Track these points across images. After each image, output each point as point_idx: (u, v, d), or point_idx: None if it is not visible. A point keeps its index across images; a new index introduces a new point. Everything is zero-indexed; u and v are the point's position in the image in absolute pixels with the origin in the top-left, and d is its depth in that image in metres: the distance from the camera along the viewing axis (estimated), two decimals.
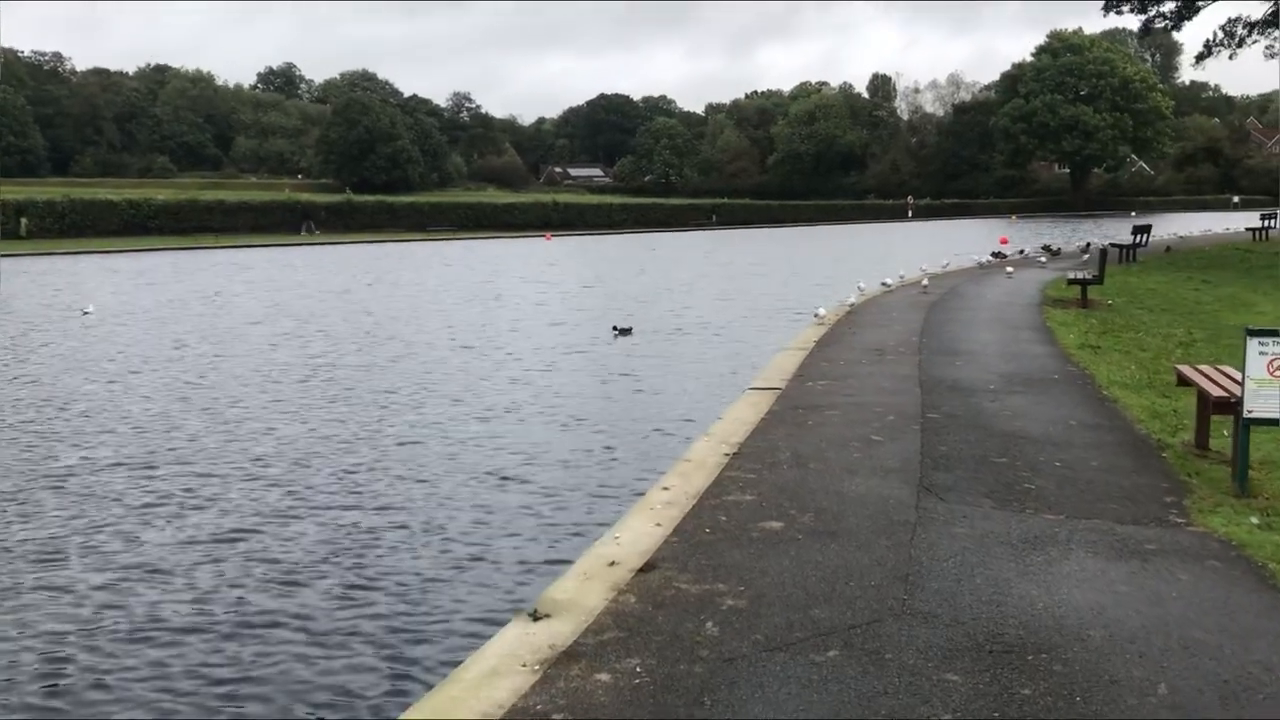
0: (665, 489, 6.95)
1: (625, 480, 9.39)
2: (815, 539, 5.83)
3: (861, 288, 20.18)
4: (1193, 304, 19.36)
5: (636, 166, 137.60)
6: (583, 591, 5.14)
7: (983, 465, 7.41)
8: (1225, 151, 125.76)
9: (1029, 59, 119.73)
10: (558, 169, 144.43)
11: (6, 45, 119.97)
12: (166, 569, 7.43)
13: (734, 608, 4.87)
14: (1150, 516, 6.32)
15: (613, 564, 5.52)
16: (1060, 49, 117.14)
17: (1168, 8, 32.51)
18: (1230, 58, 34.94)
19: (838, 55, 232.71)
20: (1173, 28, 33.00)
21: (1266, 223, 39.11)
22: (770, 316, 22.12)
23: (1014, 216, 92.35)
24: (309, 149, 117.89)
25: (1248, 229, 39.99)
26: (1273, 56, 37.42)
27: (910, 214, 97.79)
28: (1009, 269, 25.26)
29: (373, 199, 77.36)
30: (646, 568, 5.45)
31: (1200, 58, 35.11)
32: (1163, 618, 4.74)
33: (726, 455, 7.78)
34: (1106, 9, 33.03)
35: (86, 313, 23.32)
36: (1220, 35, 34.11)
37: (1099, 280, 18.98)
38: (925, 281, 21.18)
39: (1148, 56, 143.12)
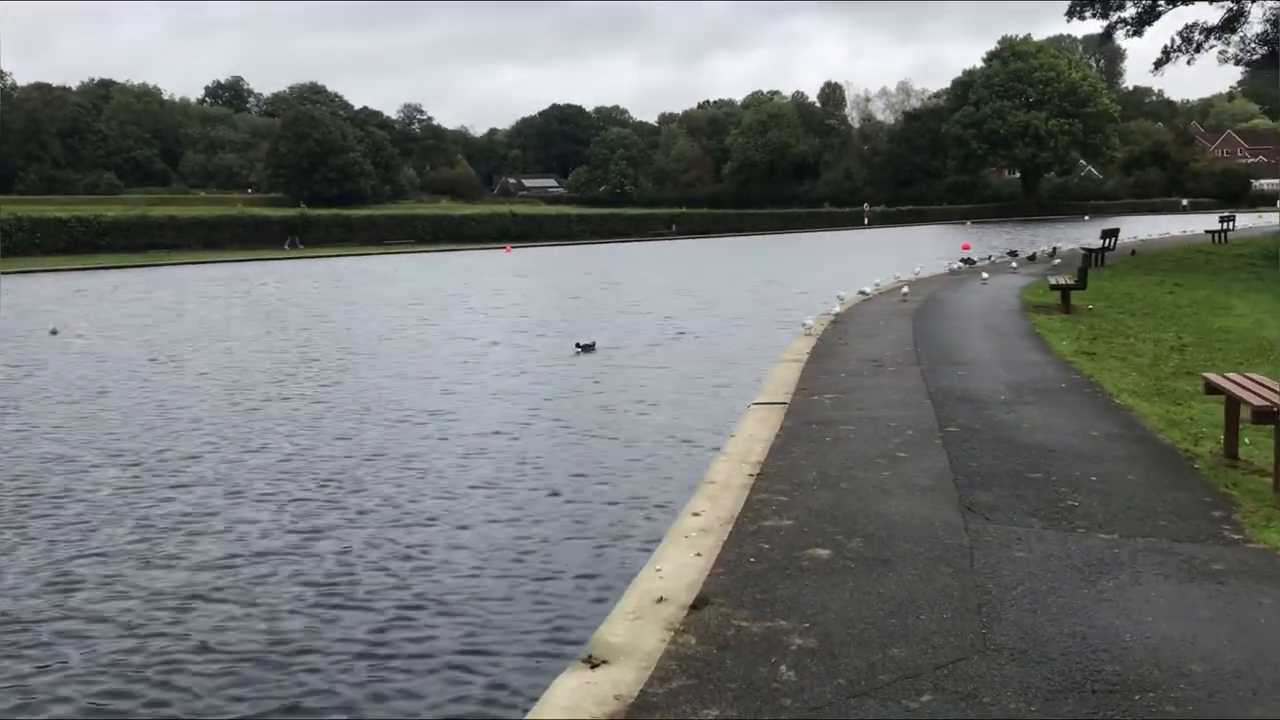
0: (696, 514, 6.60)
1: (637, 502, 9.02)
2: (869, 568, 5.51)
3: (841, 296, 20.00)
4: (1171, 307, 19.34)
5: (591, 177, 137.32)
6: (636, 633, 4.78)
7: (1019, 482, 7.14)
8: (1171, 155, 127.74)
9: (979, 65, 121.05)
10: (511, 180, 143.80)
11: None
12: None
13: (804, 648, 4.54)
14: (1205, 533, 6.07)
15: (661, 600, 5.17)
16: (1009, 56, 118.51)
17: (1129, 13, 32.78)
18: (1189, 63, 35.38)
19: (786, 65, 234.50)
20: (1134, 32, 33.25)
21: (1225, 225, 39.55)
22: (750, 327, 21.90)
23: (969, 222, 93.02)
24: (258, 163, 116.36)
25: (1207, 231, 40.43)
26: (1226, 61, 37.92)
27: (867, 221, 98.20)
28: (984, 275, 25.22)
29: (328, 213, 76.39)
30: (698, 604, 5.10)
31: (1159, 64, 35.47)
32: (1261, 648, 4.47)
33: (751, 476, 7.45)
34: (1070, 14, 33.27)
35: (54, 332, 22.97)
36: (1179, 41, 34.44)
37: (1081, 285, 18.90)
38: (905, 289, 21.01)
39: (1093, 63, 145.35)
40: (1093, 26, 50.01)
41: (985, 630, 4.67)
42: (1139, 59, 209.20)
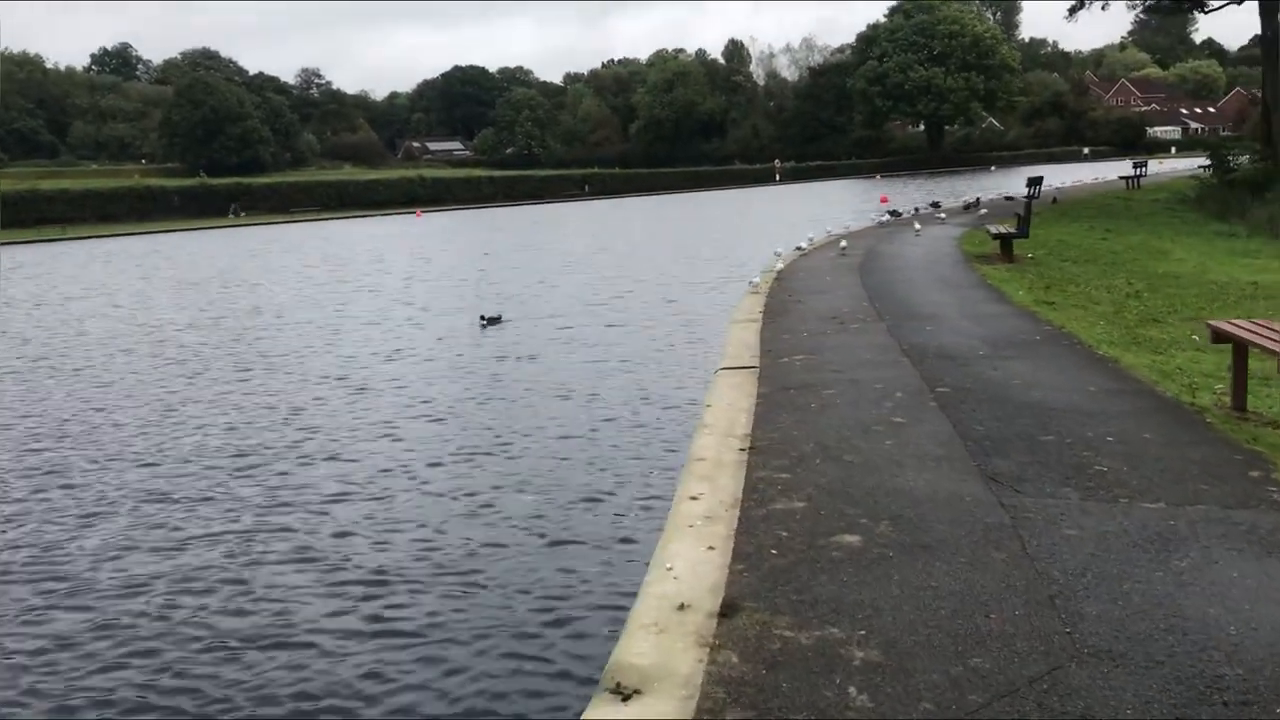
0: (694, 498, 5.88)
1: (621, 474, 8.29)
2: (910, 556, 4.84)
3: (779, 252, 19.37)
4: (1109, 254, 19.09)
5: (498, 139, 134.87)
6: (665, 651, 4.05)
7: (1035, 446, 6.55)
8: (1069, 105, 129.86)
9: (883, 20, 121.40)
10: (415, 144, 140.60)
11: None
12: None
13: (868, 662, 3.86)
14: (1254, 497, 5.53)
15: (683, 607, 4.44)
16: (913, 9, 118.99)
17: None
18: (1103, 8, 35.38)
19: (688, 23, 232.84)
20: None
21: (1139, 171, 39.89)
22: (691, 287, 21.28)
23: (878, 176, 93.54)
24: (152, 133, 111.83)
25: (1121, 178, 40.75)
26: (1134, 8, 38.11)
27: (778, 178, 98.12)
28: (916, 226, 24.81)
29: (229, 181, 73.69)
30: (728, 610, 4.38)
31: (1074, 10, 35.39)
32: None
33: (743, 451, 6.75)
34: None
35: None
36: None
37: (1024, 234, 18.54)
38: (843, 243, 20.47)
39: (990, 15, 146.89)
40: None
41: (1070, 630, 4.04)
42: (1034, 10, 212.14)
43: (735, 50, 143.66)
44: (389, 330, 18.67)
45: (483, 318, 17.53)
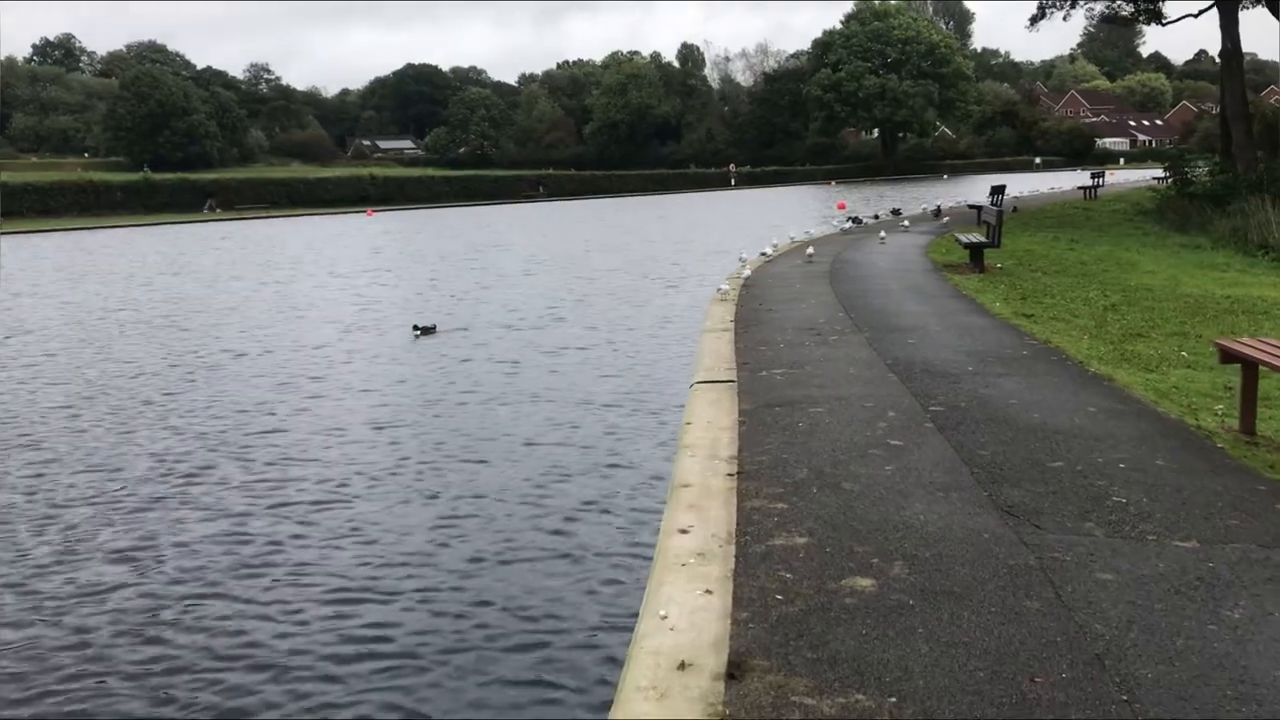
0: (684, 531, 5.35)
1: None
2: (933, 605, 4.34)
3: (744, 258, 18.92)
4: (1078, 265, 18.85)
5: (450, 138, 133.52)
6: None
7: (1045, 474, 6.10)
8: (1021, 115, 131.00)
9: (838, 26, 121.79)
10: (366, 142, 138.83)
11: None
12: None
13: None
14: None
15: (684, 666, 3.91)
16: (869, 17, 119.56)
17: None
18: (1064, 18, 35.31)
19: (641, 27, 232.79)
20: None
21: (1097, 181, 40.02)
22: (655, 292, 20.76)
23: (832, 182, 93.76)
24: (96, 125, 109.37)
25: (1079, 188, 40.87)
26: (1091, 18, 38.09)
27: (733, 182, 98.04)
28: (881, 234, 24.47)
29: (174, 177, 72.13)
30: (736, 670, 3.85)
31: (1035, 19, 35.33)
32: None
33: (731, 476, 6.23)
34: None
35: None
36: None
37: (995, 243, 18.23)
38: (810, 250, 20.04)
39: (943, 24, 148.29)
40: None
41: (1128, 697, 3.55)
42: (985, 21, 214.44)
43: (689, 54, 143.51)
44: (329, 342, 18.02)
45: (416, 327, 16.79)
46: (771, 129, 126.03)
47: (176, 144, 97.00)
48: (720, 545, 5.14)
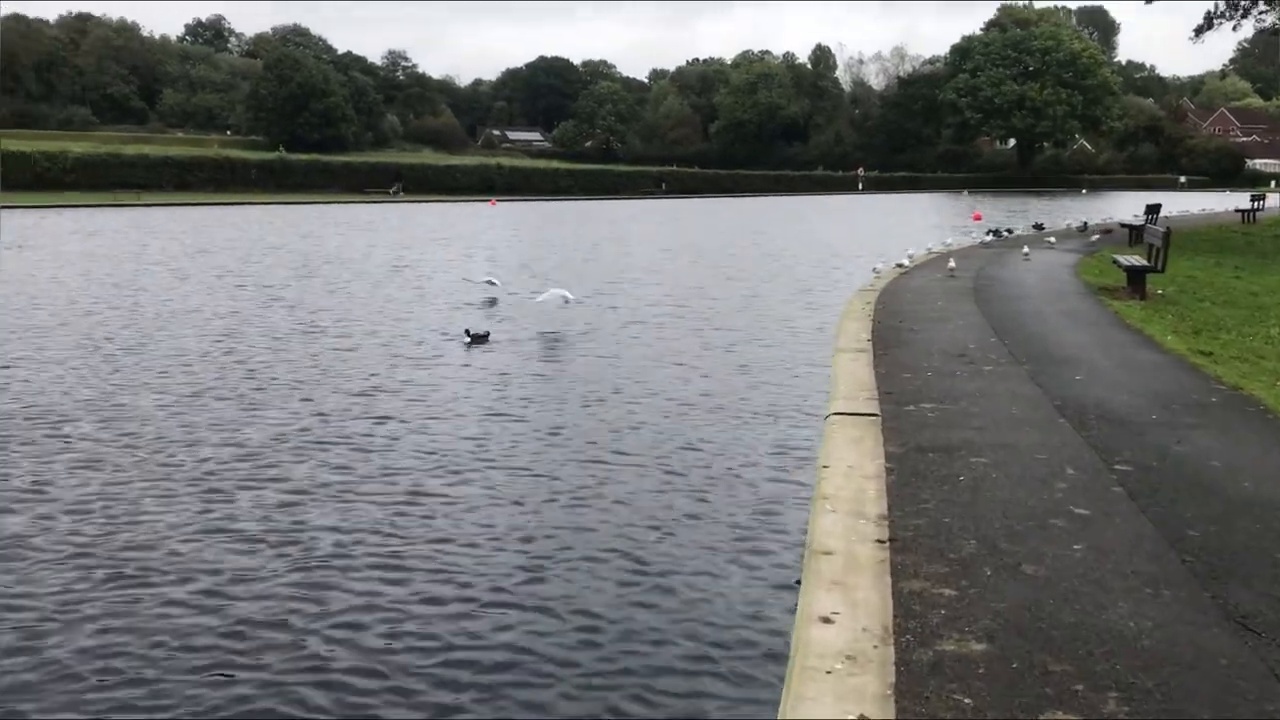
0: (827, 620, 4.32)
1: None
2: None
3: (878, 269, 17.72)
4: (1248, 296, 17.13)
5: (578, 131, 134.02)
6: None
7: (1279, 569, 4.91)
8: (1166, 131, 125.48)
9: (978, 33, 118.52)
10: (495, 132, 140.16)
11: None
12: None
13: None
14: None
15: None
16: (1009, 24, 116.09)
17: None
18: (1234, 29, 33.04)
19: (773, 26, 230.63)
20: None
21: (1256, 204, 37.50)
22: (785, 300, 19.71)
23: (966, 191, 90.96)
24: (239, 104, 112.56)
25: (1237, 210, 38.35)
26: (1262, 30, 35.68)
27: (861, 186, 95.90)
28: (1025, 249, 22.90)
29: (307, 158, 73.35)
30: None
31: (1200, 30, 33.10)
32: None
33: (881, 544, 5.18)
34: None
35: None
36: (1222, 6, 32.08)
37: (1159, 268, 16.68)
38: (951, 264, 18.69)
39: (1087, 34, 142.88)
40: None
41: None
42: (1131, 33, 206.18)
43: (822, 55, 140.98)
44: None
45: (468, 333, 15.68)
46: (903, 134, 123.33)
47: (314, 125, 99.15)
48: (874, 645, 4.10)
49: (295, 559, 7.39)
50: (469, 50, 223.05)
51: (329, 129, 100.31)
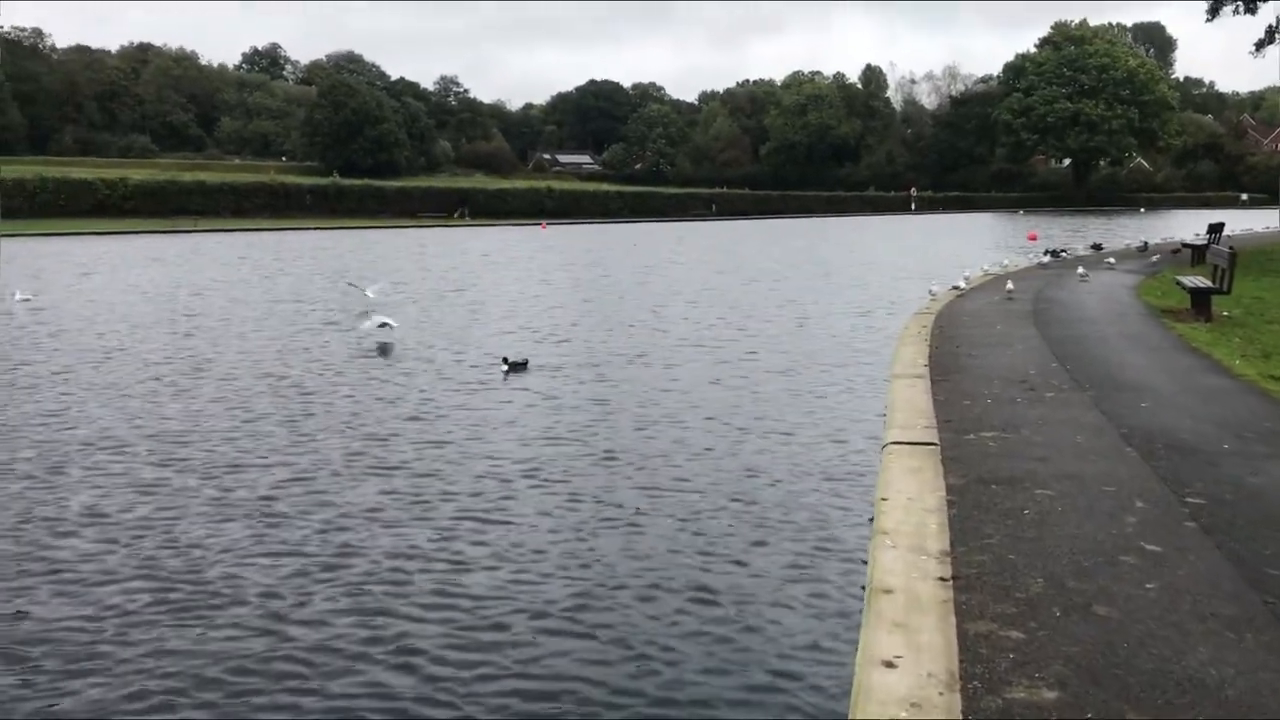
0: (890, 665, 4.15)
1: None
2: None
3: (934, 291, 17.45)
4: None
5: (628, 154, 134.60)
6: None
7: None
8: (1226, 148, 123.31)
9: (1032, 50, 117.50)
10: (546, 155, 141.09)
11: None
12: None
13: None
14: None
15: None
16: (1062, 41, 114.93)
17: None
18: None
19: (821, 52, 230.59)
20: (1247, 9, 30.20)
21: None
22: (840, 322, 19.49)
23: (1020, 211, 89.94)
24: (294, 131, 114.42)
25: None
26: None
27: (913, 206, 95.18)
28: (1080, 270, 22.47)
29: (360, 183, 74.29)
30: None
31: (1261, 44, 32.40)
32: None
33: (944, 582, 4.99)
34: None
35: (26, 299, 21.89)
36: None
37: (1225, 290, 16.26)
38: (1009, 285, 18.36)
39: (1143, 51, 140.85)
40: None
41: None
42: (1189, 49, 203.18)
43: (872, 75, 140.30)
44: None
45: (506, 361, 15.37)
46: (955, 153, 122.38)
47: (367, 150, 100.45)
48: (940, 692, 3.91)
49: (351, 582, 7.36)
50: (519, 74, 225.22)
51: (382, 154, 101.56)
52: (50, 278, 30.37)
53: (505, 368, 15.15)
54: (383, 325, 18.08)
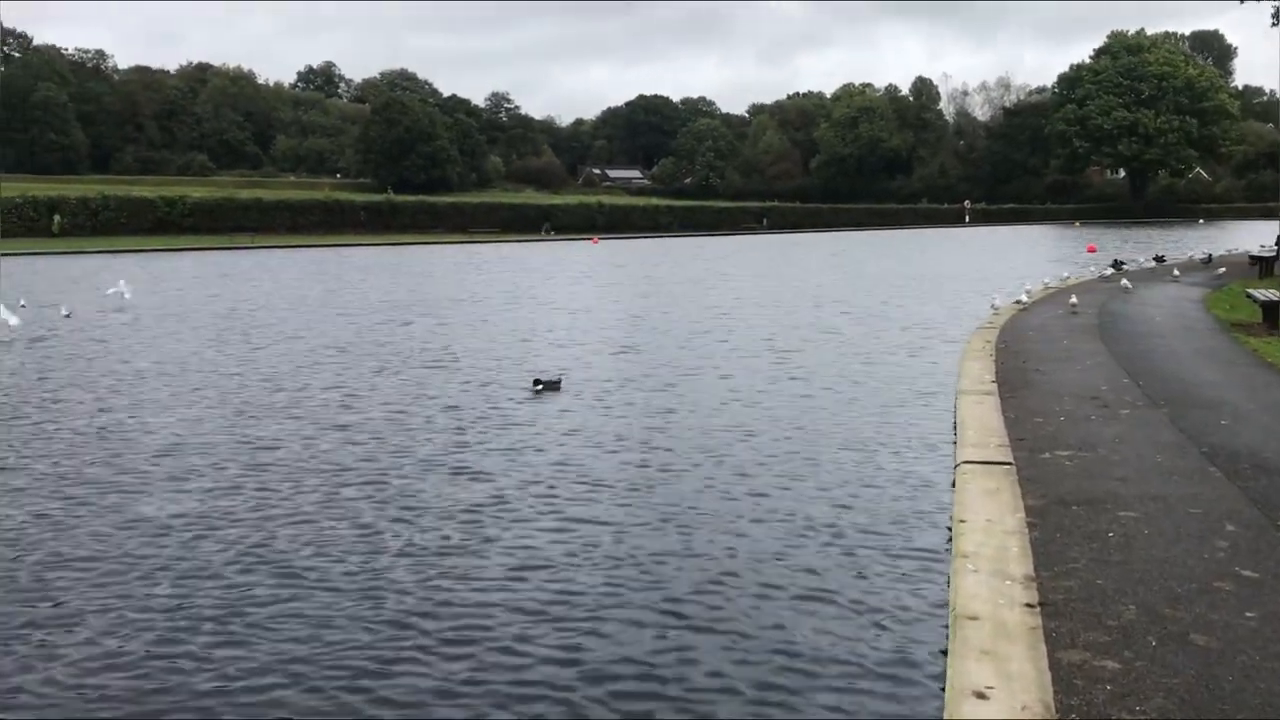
0: (981, 696, 4.01)
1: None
2: None
3: (996, 305, 17.16)
4: None
5: (677, 168, 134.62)
6: None
7: None
8: None
9: (1087, 60, 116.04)
10: (596, 170, 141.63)
11: (49, 43, 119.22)
12: None
13: None
14: None
15: None
16: (1119, 50, 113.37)
17: None
18: None
19: (868, 66, 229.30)
20: None
21: None
22: (891, 340, 19.21)
23: (1077, 223, 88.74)
24: (348, 148, 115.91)
25: None
26: None
27: (967, 219, 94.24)
28: (1140, 284, 22.06)
29: (413, 199, 74.89)
30: None
31: None
32: None
33: (1031, 609, 4.83)
34: None
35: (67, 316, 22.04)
36: None
37: None
38: (1073, 299, 18.05)
39: (1201, 59, 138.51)
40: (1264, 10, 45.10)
41: None
42: (1249, 56, 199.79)
43: (924, 87, 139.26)
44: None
45: (537, 381, 14.70)
46: (1009, 165, 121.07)
47: (420, 167, 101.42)
48: None
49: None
50: (570, 90, 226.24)
51: (435, 170, 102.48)
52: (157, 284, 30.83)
53: (537, 388, 14.36)
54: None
